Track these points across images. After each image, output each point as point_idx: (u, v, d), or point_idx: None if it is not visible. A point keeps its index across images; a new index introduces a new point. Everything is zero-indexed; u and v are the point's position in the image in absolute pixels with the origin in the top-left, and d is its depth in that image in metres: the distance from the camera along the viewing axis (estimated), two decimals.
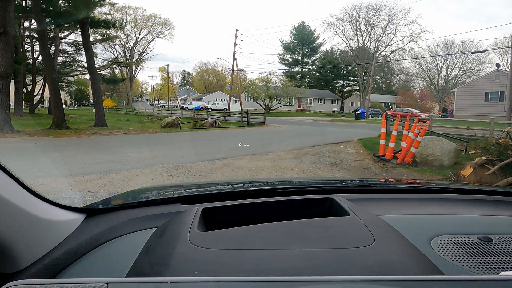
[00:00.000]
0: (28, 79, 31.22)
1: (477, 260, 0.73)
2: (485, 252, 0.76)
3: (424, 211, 0.98)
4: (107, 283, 0.50)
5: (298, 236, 0.72)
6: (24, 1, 18.94)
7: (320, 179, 1.92)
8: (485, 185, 2.47)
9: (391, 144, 7.85)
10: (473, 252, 0.76)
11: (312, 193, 1.09)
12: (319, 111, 54.15)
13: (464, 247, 0.78)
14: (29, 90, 30.96)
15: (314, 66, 67.30)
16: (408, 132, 7.58)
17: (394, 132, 8.10)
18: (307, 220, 0.80)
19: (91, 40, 21.13)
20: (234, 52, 41.57)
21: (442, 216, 0.95)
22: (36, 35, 22.51)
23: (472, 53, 42.27)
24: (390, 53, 57.22)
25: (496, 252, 0.76)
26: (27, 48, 30.13)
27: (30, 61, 29.13)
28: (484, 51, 42.52)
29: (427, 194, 1.16)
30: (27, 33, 27.47)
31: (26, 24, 26.77)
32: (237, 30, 41.48)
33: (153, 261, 0.68)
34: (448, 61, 57.72)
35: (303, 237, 0.72)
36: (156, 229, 0.85)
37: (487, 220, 0.93)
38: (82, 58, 29.51)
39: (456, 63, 57.42)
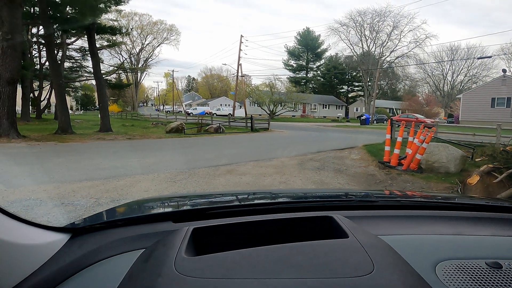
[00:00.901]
0: (35, 84, 31.59)
1: None
2: (494, 279, 0.71)
3: (428, 231, 0.94)
4: None
5: (291, 264, 0.68)
6: (32, 8, 19.19)
7: (320, 192, 1.87)
8: (495, 199, 2.39)
9: (396, 151, 7.77)
10: (481, 280, 0.71)
11: (311, 209, 1.05)
12: (324, 117, 54.06)
13: (472, 274, 0.73)
14: (36, 95, 31.30)
15: (318, 72, 67.38)
16: (414, 139, 7.50)
17: (399, 139, 8.02)
18: (302, 244, 0.76)
19: (98, 46, 21.35)
20: (239, 57, 41.77)
21: (448, 237, 0.90)
22: (43, 41, 22.79)
23: (478, 58, 42.11)
24: (395, 59, 57.02)
25: (507, 280, 0.71)
26: (35, 54, 30.53)
27: (38, 66, 29.50)
28: (490, 57, 42.27)
29: (431, 211, 1.11)
30: (34, 39, 27.82)
31: (34, 30, 27.13)
32: (242, 36, 41.74)
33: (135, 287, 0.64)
34: (453, 67, 57.50)
35: (296, 265, 0.67)
36: (143, 250, 0.81)
37: (496, 242, 0.88)
38: (89, 63, 29.80)
39: (462, 69, 57.18)
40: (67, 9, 17.74)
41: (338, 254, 0.71)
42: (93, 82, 23.33)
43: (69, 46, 29.71)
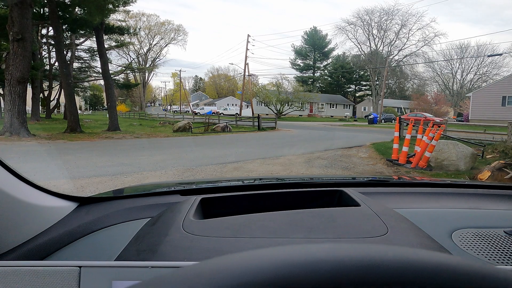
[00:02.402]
0: (45, 84, 32.01)
1: (505, 254, 0.66)
2: None
3: (444, 205, 0.90)
4: (79, 267, 0.47)
5: (302, 226, 0.66)
6: (41, 9, 19.45)
7: (331, 175, 1.84)
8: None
9: (405, 148, 7.68)
10: (500, 246, 0.69)
11: (322, 185, 1.03)
12: (331, 116, 53.79)
13: (490, 241, 0.70)
14: (45, 95, 31.71)
15: (326, 71, 67.06)
16: (422, 136, 7.40)
17: (408, 136, 7.92)
18: (313, 210, 0.74)
19: (106, 46, 21.57)
20: (246, 57, 41.78)
21: (464, 210, 0.87)
22: (52, 42, 23.10)
23: (488, 56, 41.47)
24: (403, 58, 56.59)
25: None
26: (44, 54, 30.93)
27: (47, 67, 29.90)
28: (500, 54, 41.62)
29: (447, 188, 1.07)
30: (44, 40, 28.21)
31: (44, 31, 27.51)
32: (248, 36, 41.75)
33: (141, 248, 0.63)
34: (463, 65, 56.69)
35: (308, 227, 0.66)
36: (150, 219, 0.81)
37: None
38: (97, 64, 30.17)
39: (472, 67, 56.33)
40: (76, 9, 17.97)
41: (350, 219, 0.70)
42: (102, 82, 23.59)
43: (78, 47, 30.10)
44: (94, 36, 19.60)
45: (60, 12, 16.64)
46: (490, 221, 0.80)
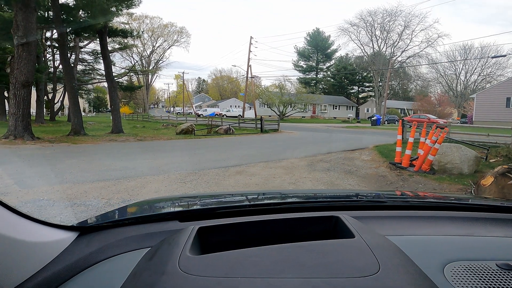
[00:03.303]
0: (49, 87, 32.24)
1: None
2: (505, 282, 0.69)
3: (438, 231, 0.91)
4: None
5: (294, 263, 0.67)
6: (45, 12, 19.60)
7: (327, 192, 1.84)
8: (509, 200, 2.32)
9: (408, 152, 7.66)
10: (491, 281, 0.69)
11: (319, 209, 1.04)
12: (334, 118, 53.71)
13: (481, 276, 0.70)
14: (50, 98, 31.94)
15: (328, 73, 66.97)
16: (426, 139, 7.38)
17: (411, 139, 7.90)
18: (307, 243, 0.75)
19: (109, 49, 21.71)
20: (249, 59, 41.84)
21: (457, 237, 0.88)
22: (57, 45, 23.25)
23: (493, 57, 41.21)
24: (407, 59, 56.39)
25: None
26: (49, 57, 31.15)
27: (51, 70, 30.11)
28: (505, 56, 41.28)
29: (441, 211, 1.09)
30: (48, 43, 28.41)
31: (48, 34, 27.72)
32: (251, 38, 41.78)
33: (138, 286, 0.64)
34: (467, 66, 56.44)
35: (300, 265, 0.66)
36: (149, 249, 0.82)
37: (509, 243, 0.85)
38: (101, 66, 30.33)
39: (476, 68, 56.07)
40: (80, 13, 18.09)
41: (343, 254, 0.70)
42: (105, 84, 23.67)
43: (82, 49, 30.29)
44: (98, 39, 19.73)
45: (64, 16, 16.76)
46: (483, 251, 0.81)
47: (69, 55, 23.01)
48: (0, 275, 0.66)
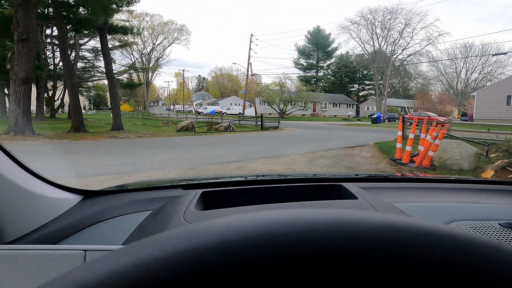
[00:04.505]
0: (50, 84, 32.21)
1: None
2: (508, 238, 0.70)
3: (442, 200, 0.91)
4: (85, 250, 0.49)
5: None
6: (46, 9, 19.59)
7: (332, 172, 1.84)
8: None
9: (408, 148, 7.66)
10: (494, 237, 0.70)
11: (321, 181, 1.04)
12: (334, 116, 53.68)
13: (484, 232, 0.72)
14: (50, 95, 31.91)
15: (329, 70, 66.91)
16: (426, 135, 7.38)
17: (411, 136, 7.90)
18: (310, 202, 0.75)
19: (110, 46, 21.69)
20: (249, 57, 41.78)
21: (461, 204, 0.88)
22: (57, 42, 23.26)
23: (493, 55, 41.18)
24: (407, 57, 56.39)
25: None
26: (49, 54, 31.14)
27: (52, 67, 30.08)
28: (506, 53, 41.17)
29: (444, 184, 1.08)
30: (48, 40, 28.38)
31: (48, 31, 27.69)
32: (252, 35, 41.70)
33: (143, 237, 0.65)
34: (467, 64, 56.36)
35: None
36: (152, 211, 0.83)
37: (510, 208, 0.86)
38: (101, 63, 30.28)
39: (476, 66, 55.99)
40: (80, 10, 18.08)
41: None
42: (105, 82, 23.69)
43: (82, 47, 30.30)
44: (98, 36, 19.70)
45: (64, 12, 16.73)
46: (486, 214, 0.81)
47: (69, 52, 22.96)
48: (8, 222, 0.67)
